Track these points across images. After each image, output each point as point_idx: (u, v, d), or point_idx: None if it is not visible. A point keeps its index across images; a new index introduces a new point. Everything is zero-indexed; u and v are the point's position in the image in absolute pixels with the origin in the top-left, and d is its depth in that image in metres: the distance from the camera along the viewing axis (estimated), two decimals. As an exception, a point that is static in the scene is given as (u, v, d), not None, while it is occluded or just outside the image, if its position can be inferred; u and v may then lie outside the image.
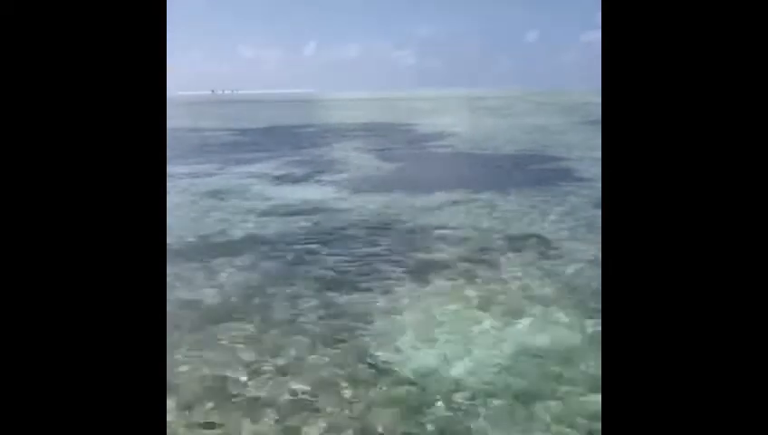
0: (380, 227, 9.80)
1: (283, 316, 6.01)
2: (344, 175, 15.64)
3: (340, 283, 7.03)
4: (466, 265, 7.65)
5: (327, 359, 5.05)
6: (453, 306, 6.20)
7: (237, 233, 9.62)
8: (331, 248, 8.59)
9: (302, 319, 5.94)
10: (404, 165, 17.41)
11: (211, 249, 8.63)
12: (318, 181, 14.64)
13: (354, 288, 6.81)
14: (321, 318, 5.96)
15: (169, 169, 17.50)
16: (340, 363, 4.96)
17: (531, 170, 15.58)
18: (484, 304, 6.23)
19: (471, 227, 9.62)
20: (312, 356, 5.10)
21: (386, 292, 6.68)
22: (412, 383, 4.61)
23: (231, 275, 7.44)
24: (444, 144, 23.20)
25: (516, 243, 8.63)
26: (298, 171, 16.40)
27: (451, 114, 48.35)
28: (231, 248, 8.68)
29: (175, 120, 49.66)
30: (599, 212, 10.17)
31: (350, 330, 5.65)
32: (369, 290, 6.75)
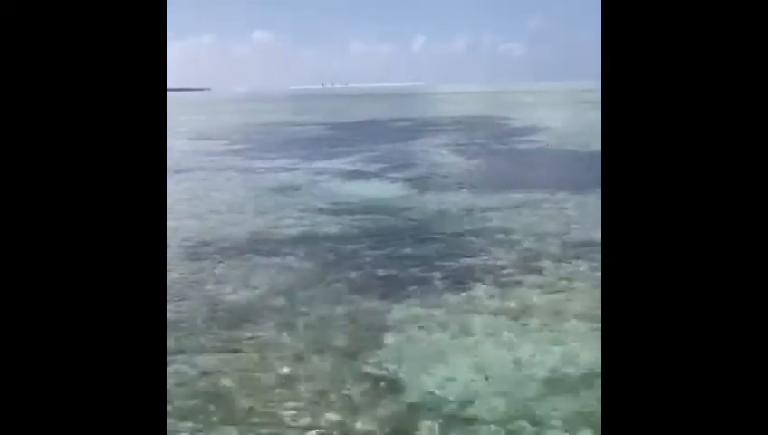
0: (435, 229, 9.40)
1: (298, 323, 5.78)
2: (417, 171, 15.28)
3: (371, 288, 6.73)
4: (512, 272, 7.13)
5: (326, 370, 4.76)
6: (482, 318, 5.74)
7: (290, 231, 9.52)
8: (378, 250, 8.31)
9: (316, 327, 5.68)
10: (484, 162, 16.81)
11: (258, 248, 8.56)
12: (389, 178, 14.36)
13: (384, 295, 6.48)
14: (337, 326, 5.68)
15: (249, 163, 17.86)
16: (337, 378, 4.66)
17: (616, 169, 14.54)
18: (517, 317, 5.73)
19: (532, 231, 9.02)
20: (310, 367, 4.83)
21: (415, 299, 6.31)
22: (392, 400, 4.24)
23: (267, 275, 7.32)
24: (533, 139, 22.28)
25: (575, 250, 7.97)
26: (372, 167, 16.20)
27: (551, 108, 46.69)
28: (278, 247, 8.58)
29: (275, 114, 51.07)
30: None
31: (363, 341, 5.33)
32: (399, 297, 6.39)
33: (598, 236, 8.60)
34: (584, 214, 10.04)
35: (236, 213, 10.96)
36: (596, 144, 19.62)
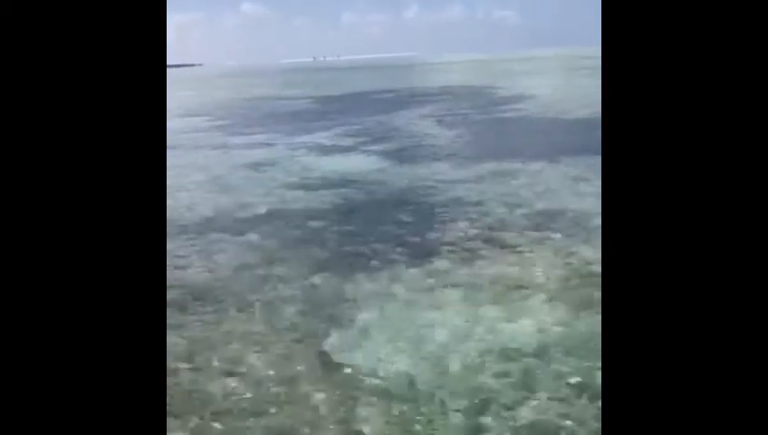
0: (404, 203, 9.29)
1: (251, 303, 5.69)
2: (395, 144, 15.09)
3: (331, 265, 6.63)
4: (475, 244, 7.03)
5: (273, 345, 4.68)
6: (437, 293, 5.65)
7: (258, 209, 9.39)
8: (344, 225, 8.21)
9: (267, 307, 5.59)
10: (464, 132, 16.61)
11: (221, 226, 8.44)
12: (366, 151, 14.19)
13: (344, 272, 6.38)
14: (289, 305, 5.59)
15: (227, 139, 17.67)
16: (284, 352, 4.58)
17: (594, 136, 14.37)
18: (474, 291, 5.64)
19: (501, 202, 8.90)
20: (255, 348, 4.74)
21: (374, 276, 6.21)
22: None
23: (228, 254, 7.21)
24: (517, 108, 22.03)
25: (541, 219, 7.87)
26: (351, 141, 16.01)
27: (541, 75, 46.22)
28: (242, 225, 8.47)
29: (263, 88, 50.61)
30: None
31: (313, 319, 5.25)
32: (358, 274, 6.30)
33: (566, 204, 8.51)
34: (555, 183, 9.92)
35: (206, 191, 10.81)
36: (579, 111, 19.47)
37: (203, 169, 13.05)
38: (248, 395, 4.11)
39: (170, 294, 5.89)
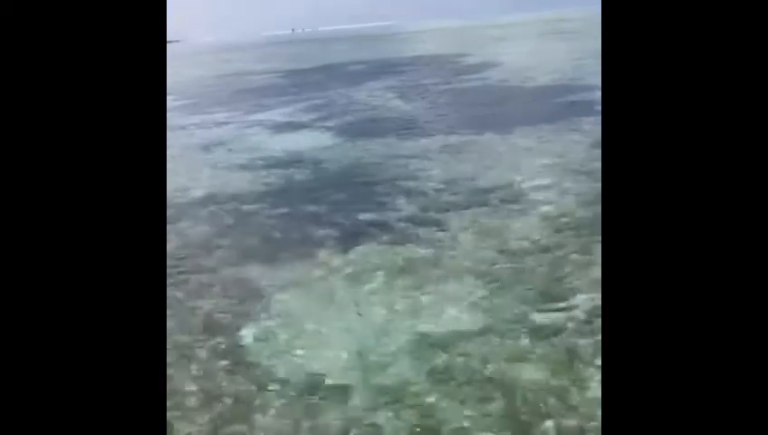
0: (347, 181, 9.10)
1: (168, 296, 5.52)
2: (352, 118, 14.84)
3: (257, 252, 6.50)
4: (406, 225, 6.88)
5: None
6: (357, 280, 5.52)
7: (197, 192, 9.19)
8: (280, 208, 8.05)
9: (177, 299, 5.43)
10: (422, 104, 16.33)
11: (154, 213, 8.20)
12: (321, 127, 13.92)
13: (268, 259, 6.24)
14: (201, 297, 5.45)
15: (184, 119, 17.34)
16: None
17: (553, 104, 14.18)
18: (394, 277, 5.51)
19: (444, 178, 8.72)
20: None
21: (297, 263, 6.07)
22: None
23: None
24: (481, 77, 21.69)
25: (479, 196, 7.71)
26: (307, 117, 15.72)
27: (513, 41, 45.50)
28: (177, 211, 8.25)
29: (236, 63, 49.68)
30: (594, 152, 9.01)
31: (225, 310, 5.13)
32: (282, 261, 6.17)
33: (509, 178, 8.35)
34: (503, 155, 9.77)
35: (148, 176, 10.55)
36: (542, 78, 19.26)
37: (151, 152, 12.75)
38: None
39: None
